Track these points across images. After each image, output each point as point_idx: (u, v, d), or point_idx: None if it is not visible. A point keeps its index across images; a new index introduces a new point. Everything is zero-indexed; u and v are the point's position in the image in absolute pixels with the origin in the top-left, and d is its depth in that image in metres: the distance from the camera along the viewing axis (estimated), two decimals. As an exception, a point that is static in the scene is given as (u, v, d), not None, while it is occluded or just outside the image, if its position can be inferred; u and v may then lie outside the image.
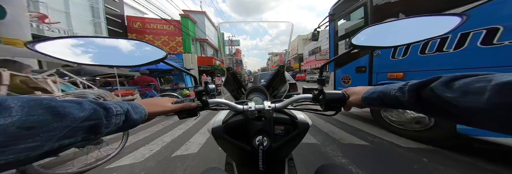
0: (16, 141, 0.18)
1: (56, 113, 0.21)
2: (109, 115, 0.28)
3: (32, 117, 0.19)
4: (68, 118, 0.22)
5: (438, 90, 0.24)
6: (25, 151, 0.18)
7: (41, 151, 0.20)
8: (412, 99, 0.28)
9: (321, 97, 0.48)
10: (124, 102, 0.34)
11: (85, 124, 0.24)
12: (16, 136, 0.18)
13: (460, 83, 0.22)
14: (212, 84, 0.53)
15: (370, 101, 0.38)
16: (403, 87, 0.30)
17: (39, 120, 0.20)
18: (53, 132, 0.20)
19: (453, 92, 0.22)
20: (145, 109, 0.37)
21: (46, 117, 0.20)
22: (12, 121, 0.18)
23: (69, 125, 0.22)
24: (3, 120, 0.17)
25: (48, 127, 0.20)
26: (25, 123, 0.19)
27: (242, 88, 0.87)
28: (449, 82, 0.23)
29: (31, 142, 0.19)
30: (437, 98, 0.24)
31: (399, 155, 1.68)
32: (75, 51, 0.34)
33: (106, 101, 0.30)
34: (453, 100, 0.22)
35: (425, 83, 0.27)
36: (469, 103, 0.20)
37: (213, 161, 1.71)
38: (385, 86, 0.35)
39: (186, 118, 0.48)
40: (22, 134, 0.18)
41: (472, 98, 0.20)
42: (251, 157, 0.51)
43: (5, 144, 0.17)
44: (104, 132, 0.27)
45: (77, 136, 0.23)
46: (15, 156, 0.18)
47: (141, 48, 0.42)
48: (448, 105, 0.23)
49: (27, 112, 0.19)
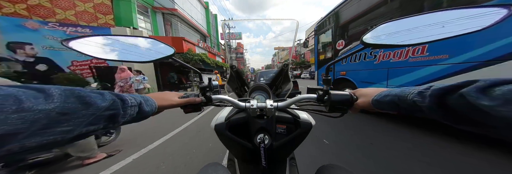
0: (55, 124, 0.21)
1: (85, 102, 0.24)
2: (125, 106, 0.30)
3: (67, 105, 0.22)
4: (93, 107, 0.25)
5: (472, 97, 0.20)
6: (61, 133, 0.21)
7: (72, 135, 0.23)
8: (434, 106, 0.25)
9: (326, 98, 0.47)
10: (137, 95, 0.37)
11: (106, 113, 0.27)
12: (56, 120, 0.21)
13: (504, 90, 0.19)
14: (215, 81, 0.55)
15: (381, 104, 0.35)
16: (424, 92, 0.27)
17: (72, 107, 0.22)
18: (82, 118, 0.23)
19: (492, 100, 0.19)
20: (156, 102, 0.40)
21: (77, 105, 0.23)
22: (54, 106, 0.21)
23: (94, 113, 0.25)
24: (48, 105, 0.20)
25: (78, 114, 0.23)
26: (63, 109, 0.21)
27: (245, 86, 0.88)
28: (487, 88, 0.20)
29: (66, 126, 0.22)
30: (468, 106, 0.21)
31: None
32: (101, 49, 0.38)
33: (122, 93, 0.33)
34: (490, 110, 0.19)
35: (453, 88, 0.23)
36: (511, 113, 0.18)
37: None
38: (402, 89, 0.32)
39: (190, 112, 0.50)
40: (60, 119, 0.21)
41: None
42: (252, 154, 0.52)
43: (48, 126, 0.20)
44: (121, 122, 0.30)
45: (100, 124, 0.26)
46: (54, 137, 0.21)
47: (155, 46, 0.47)
48: (482, 115, 0.20)
49: (64, 100, 0.22)
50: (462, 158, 1.59)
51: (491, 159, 1.55)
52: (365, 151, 1.81)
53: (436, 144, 1.89)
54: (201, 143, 2.19)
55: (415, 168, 1.47)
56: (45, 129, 0.20)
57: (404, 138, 2.08)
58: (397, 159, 1.61)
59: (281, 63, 0.79)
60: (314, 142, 2.06)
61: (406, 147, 1.85)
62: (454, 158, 1.59)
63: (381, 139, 2.08)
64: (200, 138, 2.35)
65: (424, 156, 1.65)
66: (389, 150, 1.81)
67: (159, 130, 2.71)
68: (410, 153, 1.72)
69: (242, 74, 0.85)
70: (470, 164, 1.49)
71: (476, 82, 0.21)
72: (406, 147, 1.84)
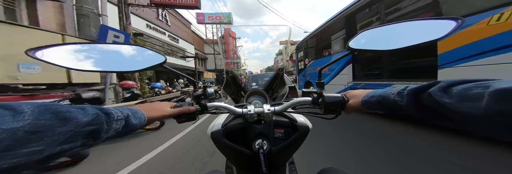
0: (21, 145, 0.18)
1: (62, 118, 0.22)
2: (110, 120, 0.28)
3: (40, 122, 0.20)
4: (72, 123, 0.22)
5: (436, 95, 0.24)
6: (28, 155, 0.19)
7: (41, 156, 0.20)
8: (410, 104, 0.28)
9: (320, 100, 0.48)
10: (125, 107, 0.34)
11: (86, 129, 0.24)
12: (23, 139, 0.18)
13: (458, 89, 0.22)
14: (211, 88, 0.53)
15: (369, 104, 0.38)
16: (402, 92, 0.30)
17: (46, 125, 0.20)
18: (57, 136, 0.21)
19: (450, 98, 0.22)
20: (144, 114, 0.37)
21: (53, 121, 0.21)
22: (23, 125, 0.18)
23: (72, 129, 0.22)
24: (15, 124, 0.18)
25: (53, 132, 0.21)
26: (33, 127, 0.19)
27: (242, 91, 0.87)
28: (447, 87, 0.23)
29: (35, 147, 0.19)
30: (435, 103, 0.24)
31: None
32: (75, 58, 0.34)
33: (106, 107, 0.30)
34: (451, 106, 0.22)
35: (423, 88, 0.26)
36: (467, 109, 0.20)
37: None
38: (385, 90, 0.35)
39: (185, 122, 0.48)
40: (29, 138, 0.19)
41: (469, 104, 0.20)
42: (251, 161, 0.50)
43: (12, 147, 0.17)
44: (103, 138, 0.27)
45: (77, 141, 0.23)
46: (18, 160, 0.18)
47: (142, 53, 0.43)
48: (446, 111, 0.23)
49: (37, 117, 0.20)
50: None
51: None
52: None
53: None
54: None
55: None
56: (7, 151, 0.17)
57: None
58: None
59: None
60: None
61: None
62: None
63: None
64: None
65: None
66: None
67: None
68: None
69: (237, 78, 0.84)
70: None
71: (440, 83, 0.25)
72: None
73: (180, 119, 0.47)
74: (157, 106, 0.43)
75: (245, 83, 4.61)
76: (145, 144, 2.29)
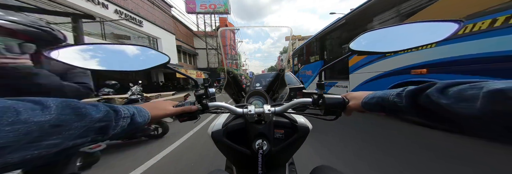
0: (45, 137, 0.19)
1: (79, 113, 0.23)
2: (118, 117, 0.29)
3: (61, 116, 0.21)
4: (87, 119, 0.24)
5: (434, 96, 0.24)
6: (48, 147, 0.20)
7: (57, 148, 0.21)
8: (409, 105, 0.28)
9: (320, 101, 0.48)
10: (130, 105, 0.35)
11: (97, 125, 0.25)
12: (47, 132, 0.19)
13: (454, 90, 0.22)
14: (212, 88, 0.54)
15: (369, 106, 0.38)
16: (401, 93, 0.30)
17: (66, 119, 0.21)
18: (73, 131, 0.22)
19: (447, 99, 0.22)
20: (149, 113, 0.38)
21: (71, 116, 0.22)
22: (50, 118, 0.20)
23: (86, 125, 0.23)
24: (44, 117, 0.19)
25: (70, 126, 0.22)
26: (57, 121, 0.20)
27: (243, 92, 0.87)
28: (444, 88, 0.24)
29: (54, 139, 0.20)
30: (433, 104, 0.24)
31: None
32: (85, 58, 0.36)
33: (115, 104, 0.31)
34: (448, 107, 0.22)
35: (421, 89, 0.27)
36: (463, 110, 0.21)
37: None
38: (384, 92, 0.35)
39: (186, 121, 0.48)
40: (51, 131, 0.20)
41: (465, 105, 0.20)
42: (250, 161, 0.51)
43: (38, 139, 0.19)
44: (111, 134, 0.28)
45: (88, 137, 0.24)
46: (39, 152, 0.19)
47: (146, 53, 0.44)
48: (444, 112, 0.23)
49: (60, 111, 0.21)
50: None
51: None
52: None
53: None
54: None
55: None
56: (33, 142, 0.18)
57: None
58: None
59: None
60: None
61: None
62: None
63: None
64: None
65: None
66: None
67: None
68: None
69: (238, 78, 0.84)
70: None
71: (436, 84, 0.25)
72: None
73: (182, 118, 0.47)
74: (160, 105, 0.44)
75: (245, 84, 4.48)
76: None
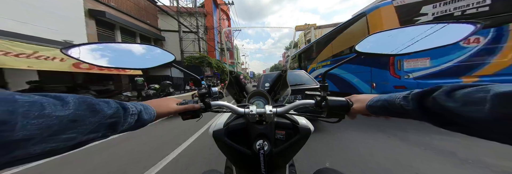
0: (63, 131, 0.20)
1: (93, 110, 0.24)
2: (126, 114, 0.30)
3: (78, 112, 0.22)
4: (100, 115, 0.25)
5: (441, 100, 0.24)
6: (65, 140, 0.21)
7: (73, 142, 0.22)
8: (416, 108, 0.28)
9: (323, 103, 0.47)
10: (137, 103, 0.36)
11: (108, 121, 0.26)
12: (65, 126, 0.20)
13: (461, 93, 0.22)
14: (215, 87, 0.54)
15: (375, 109, 0.37)
16: (407, 96, 0.30)
17: (82, 115, 0.22)
18: (87, 126, 0.23)
19: (455, 102, 0.22)
20: (154, 110, 0.39)
21: (86, 112, 0.23)
22: (68, 113, 0.21)
23: (98, 120, 0.25)
24: (64, 112, 0.20)
25: (84, 121, 0.23)
26: (74, 116, 0.21)
27: (244, 92, 0.88)
28: (450, 92, 0.24)
29: (70, 133, 0.21)
30: (440, 107, 0.24)
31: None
32: (96, 56, 0.38)
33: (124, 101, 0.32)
34: (455, 110, 0.22)
35: (427, 92, 0.27)
36: (471, 113, 0.21)
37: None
38: (390, 95, 0.35)
39: (189, 119, 0.49)
40: (68, 126, 0.21)
41: (474, 108, 0.20)
42: (251, 161, 0.51)
43: (56, 133, 0.20)
44: (119, 130, 0.29)
45: (99, 132, 0.26)
46: (57, 144, 0.20)
47: (152, 52, 0.46)
48: (451, 115, 0.23)
49: (77, 107, 0.22)
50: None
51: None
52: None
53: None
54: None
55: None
56: (53, 135, 0.19)
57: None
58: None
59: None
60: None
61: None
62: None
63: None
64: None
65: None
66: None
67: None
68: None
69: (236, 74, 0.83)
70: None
71: (443, 87, 0.25)
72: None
73: (185, 115, 0.48)
74: (164, 102, 0.45)
75: (245, 84, 4.53)
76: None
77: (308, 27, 34.96)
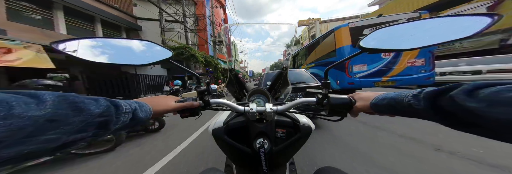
0: (41, 132, 0.19)
1: (76, 108, 0.23)
2: (118, 112, 0.29)
3: (58, 111, 0.20)
4: (85, 113, 0.23)
5: (459, 99, 0.22)
6: (45, 142, 0.19)
7: (56, 144, 0.21)
8: (428, 108, 0.26)
9: (325, 101, 0.47)
10: (132, 100, 0.35)
11: (97, 120, 0.25)
12: (42, 127, 0.19)
13: (487, 92, 0.20)
14: (214, 85, 0.56)
15: (379, 108, 0.36)
16: (418, 95, 0.28)
17: (63, 114, 0.21)
18: (70, 125, 0.22)
19: (478, 102, 0.20)
20: (151, 108, 0.38)
21: (68, 111, 0.22)
22: (45, 113, 0.19)
23: (84, 120, 0.23)
24: (39, 112, 0.19)
25: (67, 121, 0.21)
26: (52, 116, 0.20)
27: (244, 90, 0.86)
28: (473, 90, 0.21)
29: (52, 134, 0.20)
30: (458, 107, 0.22)
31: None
32: (92, 51, 0.36)
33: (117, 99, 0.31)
34: (479, 111, 0.20)
35: (443, 91, 0.25)
36: (501, 115, 0.18)
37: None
38: (397, 93, 0.33)
39: (188, 117, 0.48)
40: (47, 126, 0.19)
41: (504, 109, 0.18)
42: (251, 159, 0.50)
43: (33, 134, 0.18)
44: (112, 129, 0.28)
45: (89, 131, 0.24)
46: (35, 147, 0.19)
47: (151, 48, 0.45)
48: (472, 116, 0.21)
49: (56, 106, 0.20)
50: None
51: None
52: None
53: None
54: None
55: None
56: (29, 137, 0.18)
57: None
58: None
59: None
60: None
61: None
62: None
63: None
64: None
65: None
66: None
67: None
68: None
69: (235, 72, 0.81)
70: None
71: (462, 85, 0.23)
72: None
73: (183, 113, 0.47)
74: (162, 100, 0.43)
75: (246, 83, 4.26)
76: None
77: (312, 21, 31.91)
